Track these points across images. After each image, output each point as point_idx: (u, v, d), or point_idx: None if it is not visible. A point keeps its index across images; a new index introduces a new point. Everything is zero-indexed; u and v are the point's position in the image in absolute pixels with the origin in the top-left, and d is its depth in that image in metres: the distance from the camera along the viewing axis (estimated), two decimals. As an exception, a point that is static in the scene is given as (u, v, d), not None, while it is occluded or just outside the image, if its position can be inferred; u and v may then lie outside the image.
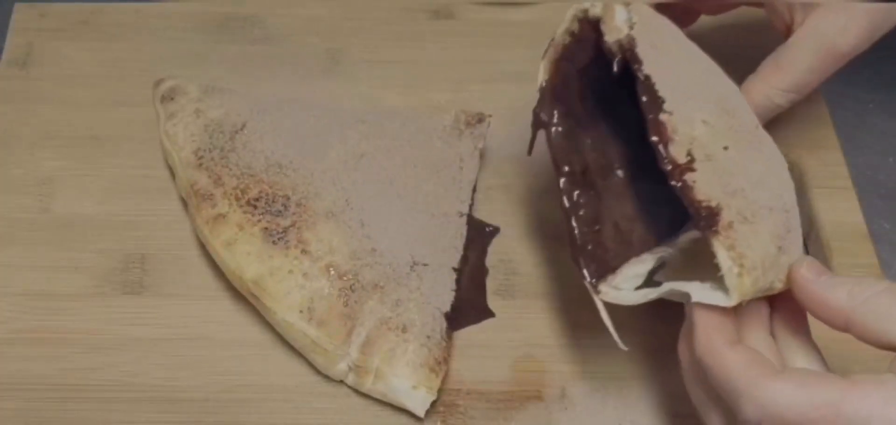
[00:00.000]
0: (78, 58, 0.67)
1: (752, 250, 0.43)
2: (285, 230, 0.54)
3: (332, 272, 0.53)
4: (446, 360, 0.53)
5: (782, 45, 0.56)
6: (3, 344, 0.54)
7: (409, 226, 0.56)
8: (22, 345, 0.54)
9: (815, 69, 0.55)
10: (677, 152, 0.45)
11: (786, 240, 0.45)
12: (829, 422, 0.39)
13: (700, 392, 0.45)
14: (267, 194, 0.56)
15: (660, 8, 0.57)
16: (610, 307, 0.48)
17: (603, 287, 0.48)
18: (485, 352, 0.55)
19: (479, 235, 0.59)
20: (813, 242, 0.60)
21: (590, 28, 0.51)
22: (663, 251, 0.48)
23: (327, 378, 0.53)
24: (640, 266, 0.48)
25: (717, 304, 0.44)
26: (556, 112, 0.51)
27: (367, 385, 0.52)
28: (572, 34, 0.51)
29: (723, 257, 0.43)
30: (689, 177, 0.45)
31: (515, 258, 0.59)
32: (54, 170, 0.62)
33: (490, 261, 0.59)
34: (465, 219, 0.58)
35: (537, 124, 0.52)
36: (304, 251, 0.53)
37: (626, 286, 0.48)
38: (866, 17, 0.54)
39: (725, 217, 0.44)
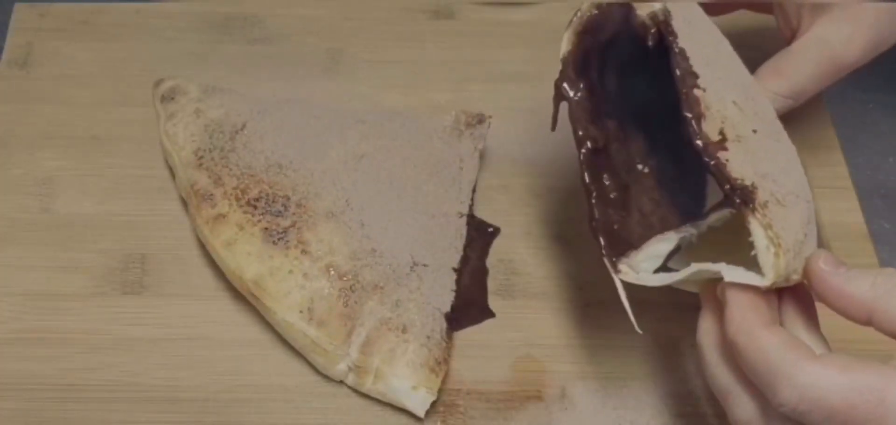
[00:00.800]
0: (78, 58, 0.67)
1: (786, 232, 0.43)
2: (285, 230, 0.54)
3: (332, 272, 0.53)
4: (446, 361, 0.53)
5: (784, 49, 0.56)
6: (3, 344, 0.54)
7: (409, 227, 0.56)
8: (22, 345, 0.54)
9: (816, 77, 0.55)
10: (710, 129, 0.45)
11: (808, 230, 0.45)
12: (871, 408, 0.39)
13: (728, 376, 0.44)
14: (267, 194, 0.56)
15: None
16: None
17: (622, 265, 0.47)
18: (485, 352, 0.55)
19: (480, 235, 0.59)
20: (813, 242, 0.60)
21: (617, 4, 0.50)
22: (687, 230, 0.47)
23: (327, 378, 0.53)
24: (664, 244, 0.47)
25: (752, 284, 0.43)
26: (578, 84, 0.50)
27: (367, 385, 0.52)
28: (599, 7, 0.50)
29: (759, 236, 0.43)
30: (722, 155, 0.44)
31: (515, 258, 0.59)
32: (54, 170, 0.62)
33: (490, 261, 0.59)
34: (465, 219, 0.58)
35: (559, 97, 0.51)
36: (304, 251, 0.53)
37: (645, 266, 0.47)
38: (872, 30, 0.54)
39: (761, 196, 0.43)
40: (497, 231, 0.60)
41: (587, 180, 0.49)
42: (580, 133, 0.49)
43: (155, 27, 0.69)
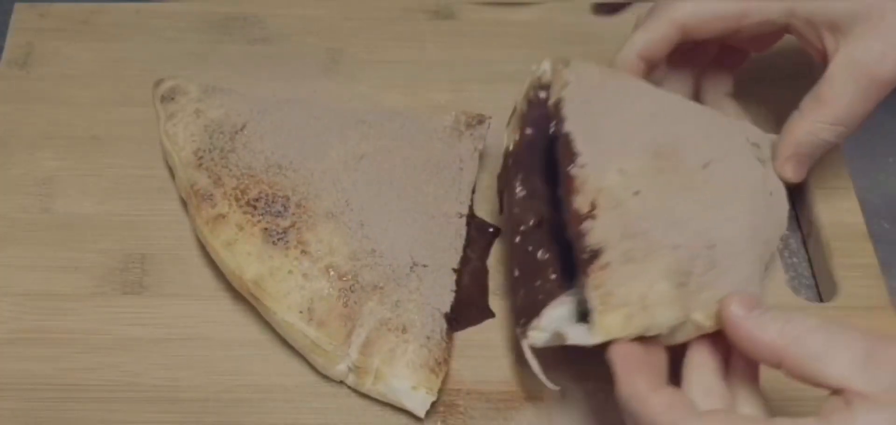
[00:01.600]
0: (78, 58, 0.68)
1: (623, 288, 0.45)
2: (285, 230, 0.54)
3: (332, 273, 0.53)
4: (446, 361, 0.53)
5: (821, 77, 0.53)
6: (3, 344, 0.54)
7: (409, 227, 0.56)
8: (22, 345, 0.54)
9: (860, 98, 0.52)
10: (581, 203, 0.48)
11: (705, 277, 0.46)
12: None
13: None
14: (267, 195, 0.56)
15: (702, 51, 0.57)
16: None
17: (531, 331, 0.49)
18: (485, 352, 0.55)
19: (480, 235, 0.59)
20: (813, 242, 0.60)
21: (544, 94, 0.54)
22: (575, 293, 0.48)
23: (327, 378, 0.53)
24: (561, 308, 0.48)
25: (581, 343, 0.46)
26: (518, 176, 0.54)
27: (367, 385, 0.52)
28: (530, 102, 0.54)
29: (590, 296, 0.46)
30: (585, 225, 0.47)
31: (515, 258, 0.59)
32: (54, 170, 0.62)
33: (490, 261, 0.59)
34: (464, 220, 0.57)
35: (501, 187, 0.56)
36: (303, 252, 0.53)
37: (550, 328, 0.48)
38: None
39: (604, 259, 0.46)
40: (497, 231, 0.60)
41: (514, 255, 0.52)
42: (516, 219, 0.52)
43: (155, 27, 0.69)
